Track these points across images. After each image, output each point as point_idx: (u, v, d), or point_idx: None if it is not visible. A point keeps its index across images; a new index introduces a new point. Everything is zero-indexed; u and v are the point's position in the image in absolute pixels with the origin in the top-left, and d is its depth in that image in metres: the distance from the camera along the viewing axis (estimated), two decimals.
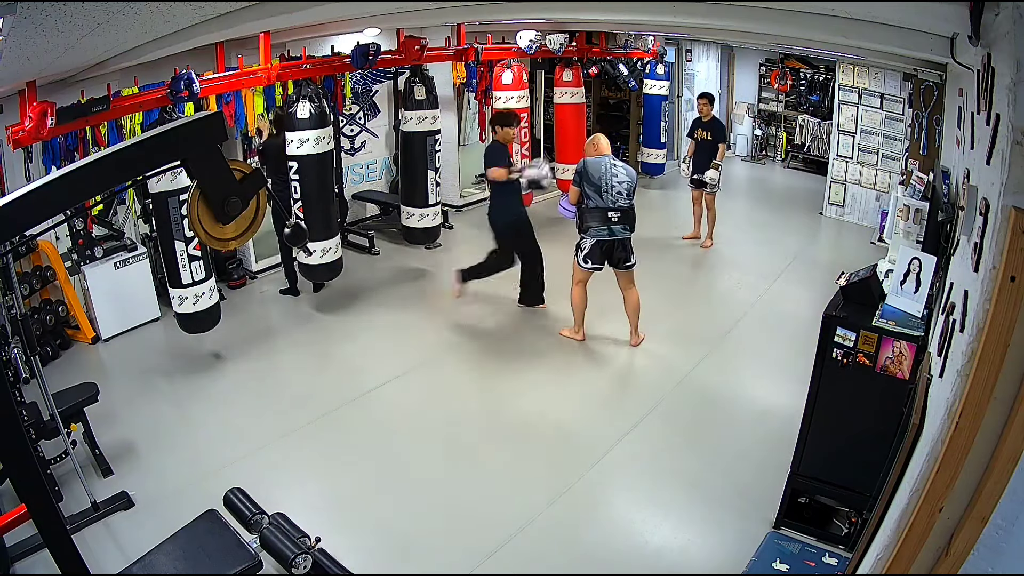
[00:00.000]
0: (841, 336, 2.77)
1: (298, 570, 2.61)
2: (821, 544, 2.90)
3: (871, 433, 2.70)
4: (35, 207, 1.63)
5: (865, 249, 6.65)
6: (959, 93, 3.07)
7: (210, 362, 4.70)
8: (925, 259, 2.73)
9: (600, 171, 4.39)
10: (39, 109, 3.56)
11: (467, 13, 5.08)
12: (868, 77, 7.39)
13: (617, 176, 4.41)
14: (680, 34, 8.49)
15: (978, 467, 1.40)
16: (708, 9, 3.53)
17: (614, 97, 9.66)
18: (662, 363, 4.70)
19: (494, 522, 3.24)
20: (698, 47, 10.24)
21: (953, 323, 1.69)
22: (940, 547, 1.50)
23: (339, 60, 5.44)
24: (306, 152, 4.85)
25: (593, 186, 4.38)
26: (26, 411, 3.33)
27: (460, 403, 4.25)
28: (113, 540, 3.12)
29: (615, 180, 4.39)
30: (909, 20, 2.68)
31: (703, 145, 6.68)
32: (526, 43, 7.01)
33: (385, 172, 7.55)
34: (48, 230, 1.78)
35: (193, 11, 2.82)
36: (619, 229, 4.43)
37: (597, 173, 4.39)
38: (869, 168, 7.61)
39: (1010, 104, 1.32)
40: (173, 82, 4.17)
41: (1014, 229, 1.27)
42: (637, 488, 3.53)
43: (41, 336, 4.57)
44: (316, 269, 5.22)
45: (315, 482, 3.58)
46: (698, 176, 6.71)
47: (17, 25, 1.84)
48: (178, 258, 4.26)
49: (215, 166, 2.00)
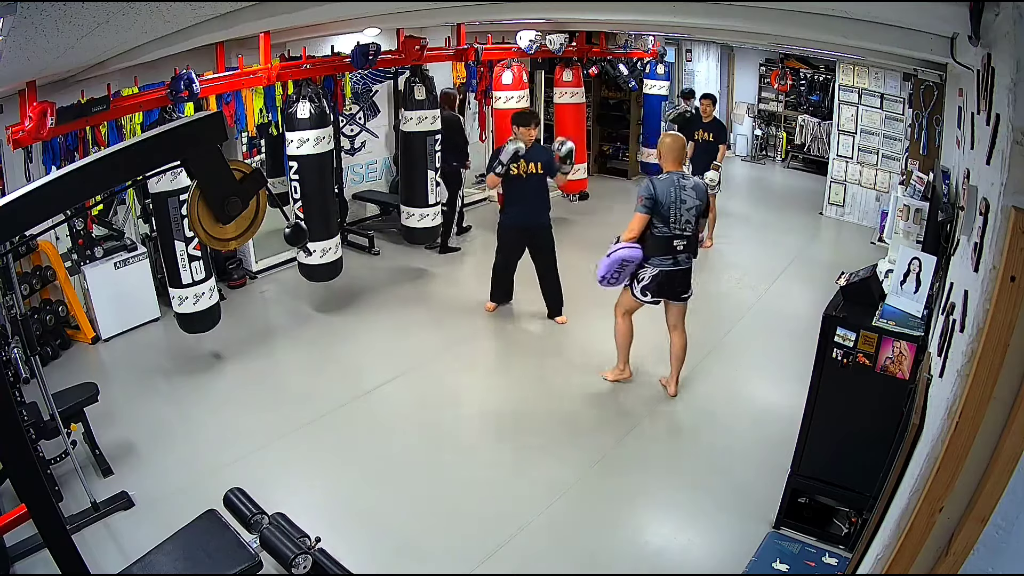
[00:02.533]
0: (841, 336, 2.77)
1: (298, 570, 2.61)
2: (821, 544, 2.91)
3: (871, 433, 2.70)
4: (35, 207, 1.62)
5: (865, 249, 6.64)
6: (959, 93, 3.08)
7: (210, 362, 4.70)
8: (925, 259, 2.73)
9: (670, 196, 3.78)
10: (39, 109, 3.56)
11: (467, 13, 5.07)
12: (868, 77, 7.39)
13: (686, 202, 3.80)
14: (680, 34, 8.50)
15: (978, 467, 1.40)
16: (708, 9, 3.53)
17: (614, 97, 9.65)
18: (662, 363, 4.69)
19: (494, 522, 3.24)
20: (698, 47, 10.25)
21: (953, 323, 1.69)
22: (940, 547, 1.50)
23: (339, 60, 5.43)
24: (306, 152, 4.85)
25: (661, 215, 3.80)
26: (26, 411, 3.33)
27: (460, 403, 4.25)
28: (113, 540, 3.12)
29: (684, 208, 3.80)
30: (909, 20, 2.68)
31: (704, 146, 6.62)
32: (526, 43, 7.01)
33: (385, 172, 7.55)
34: (48, 230, 1.78)
35: (193, 11, 2.82)
36: (684, 259, 3.91)
37: (667, 199, 3.78)
38: (869, 168, 7.61)
39: (1010, 104, 1.33)
40: (173, 82, 4.17)
41: (1014, 229, 1.27)
42: (637, 488, 3.52)
43: (41, 336, 4.57)
44: (316, 269, 5.22)
45: (315, 482, 3.58)
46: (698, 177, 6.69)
47: (17, 25, 1.84)
48: (178, 258, 4.26)
49: (215, 166, 2.00)
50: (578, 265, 5.28)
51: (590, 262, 6.25)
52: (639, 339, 4.34)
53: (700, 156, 6.65)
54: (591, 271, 4.21)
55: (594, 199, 8.30)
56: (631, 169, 9.61)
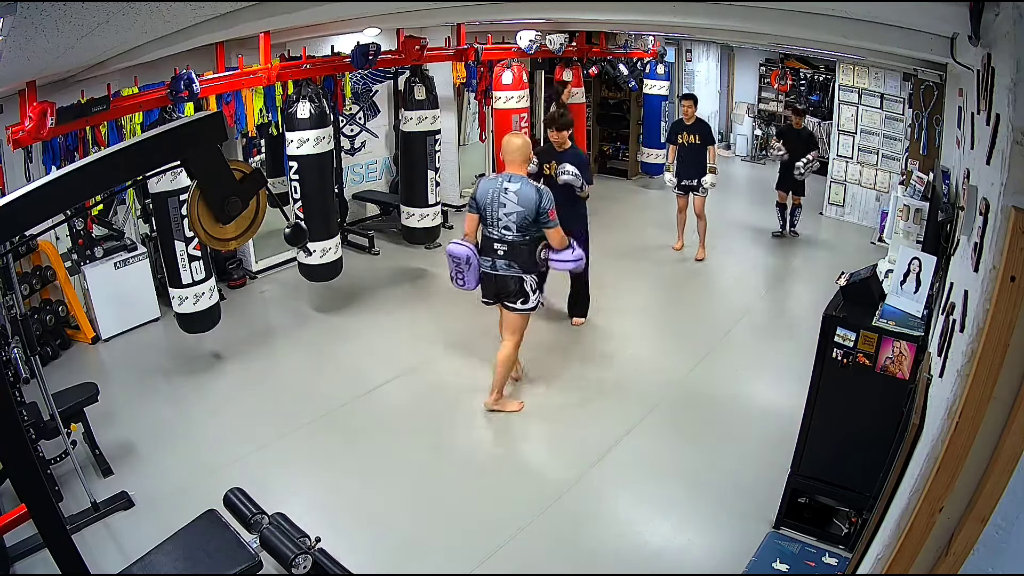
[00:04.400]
0: (841, 336, 2.77)
1: (298, 570, 2.61)
2: (821, 544, 2.91)
3: (871, 433, 2.70)
4: (35, 207, 1.62)
5: (865, 249, 6.64)
6: (959, 93, 3.08)
7: (210, 362, 4.70)
8: (925, 259, 2.73)
9: (487, 197, 3.73)
10: (39, 109, 3.56)
11: (467, 13, 5.08)
12: (868, 77, 7.39)
13: (505, 206, 3.68)
14: (680, 34, 8.50)
15: (978, 467, 1.40)
16: (708, 9, 3.53)
17: (614, 97, 9.66)
18: (662, 363, 4.70)
19: (494, 522, 3.24)
20: (698, 47, 10.26)
21: (953, 323, 1.69)
22: (940, 547, 1.50)
23: (339, 60, 5.43)
24: (306, 152, 4.85)
25: (482, 216, 3.78)
26: (26, 411, 3.33)
27: (460, 403, 4.24)
28: (113, 540, 3.12)
29: (502, 211, 3.70)
30: (909, 20, 2.68)
31: (691, 149, 6.26)
32: (526, 43, 7.01)
33: (385, 172, 7.55)
34: (48, 230, 1.78)
35: (193, 11, 2.82)
36: (502, 265, 3.78)
37: (484, 199, 3.75)
38: (869, 168, 7.61)
39: (1010, 104, 1.33)
40: (173, 82, 4.17)
41: (1014, 229, 1.27)
42: (637, 488, 3.53)
43: (41, 336, 4.57)
44: (316, 269, 5.22)
45: (315, 482, 3.58)
46: (687, 182, 6.32)
47: (17, 25, 1.84)
48: (178, 258, 4.26)
49: (215, 166, 2.00)
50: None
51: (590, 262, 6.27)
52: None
53: (687, 160, 6.30)
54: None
55: (594, 199, 8.22)
56: (631, 169, 9.61)
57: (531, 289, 3.84)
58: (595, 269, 6.19)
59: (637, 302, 5.74)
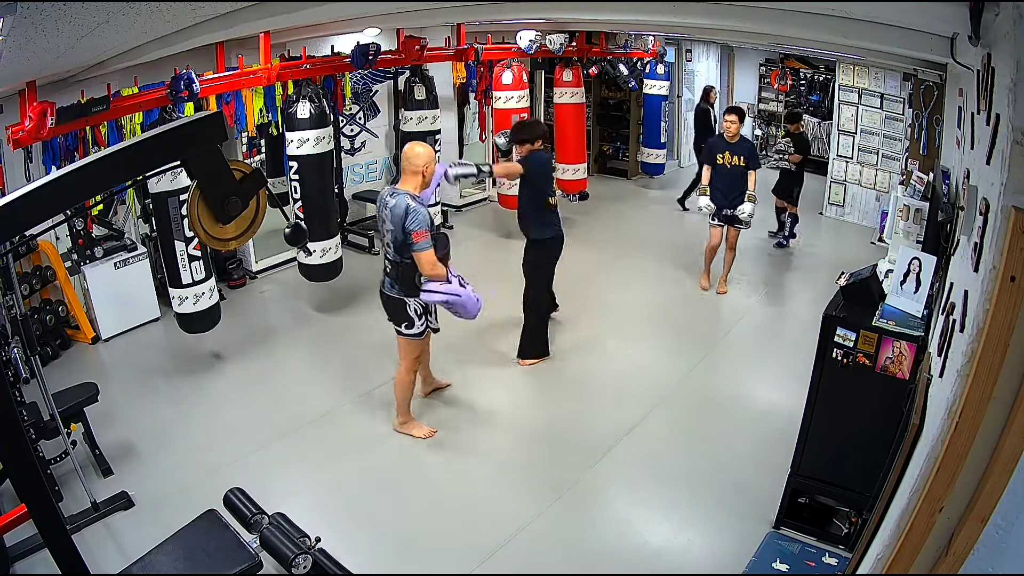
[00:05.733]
0: (841, 336, 2.77)
1: (298, 570, 2.61)
2: (821, 544, 2.91)
3: (871, 433, 2.70)
4: (35, 207, 1.62)
5: (865, 249, 6.64)
6: (959, 93, 3.08)
7: (210, 362, 4.70)
8: (925, 259, 2.73)
9: (377, 211, 3.46)
10: (39, 109, 3.56)
11: (467, 13, 5.08)
12: (868, 77, 7.39)
13: (386, 223, 3.39)
14: (680, 34, 8.49)
15: (978, 467, 1.40)
16: (708, 9, 3.53)
17: (614, 97, 9.65)
18: (662, 363, 4.70)
19: (494, 522, 3.24)
20: (698, 47, 10.24)
21: (953, 323, 1.69)
22: (940, 547, 1.50)
23: (339, 60, 5.43)
24: (306, 152, 4.85)
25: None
26: (26, 411, 3.33)
27: (459, 403, 4.24)
28: (113, 540, 3.12)
29: (385, 228, 3.42)
30: (909, 20, 2.68)
31: (733, 172, 5.29)
32: (526, 43, 7.00)
33: (385, 172, 7.55)
34: (48, 230, 1.78)
35: (193, 11, 2.82)
36: (386, 283, 3.55)
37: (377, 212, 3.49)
38: (869, 168, 7.61)
39: (1010, 104, 1.33)
40: (173, 82, 4.17)
41: (1014, 229, 1.27)
42: (637, 488, 3.53)
43: (41, 336, 4.57)
44: (316, 269, 5.22)
45: (315, 482, 3.57)
46: (729, 211, 5.37)
47: (17, 25, 1.84)
48: (178, 258, 4.26)
49: (215, 166, 2.00)
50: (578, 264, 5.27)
51: (590, 262, 6.29)
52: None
53: (727, 185, 5.34)
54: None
55: (594, 199, 8.29)
56: (631, 169, 9.61)
57: (415, 314, 3.53)
58: (595, 268, 6.21)
59: (637, 301, 5.74)
